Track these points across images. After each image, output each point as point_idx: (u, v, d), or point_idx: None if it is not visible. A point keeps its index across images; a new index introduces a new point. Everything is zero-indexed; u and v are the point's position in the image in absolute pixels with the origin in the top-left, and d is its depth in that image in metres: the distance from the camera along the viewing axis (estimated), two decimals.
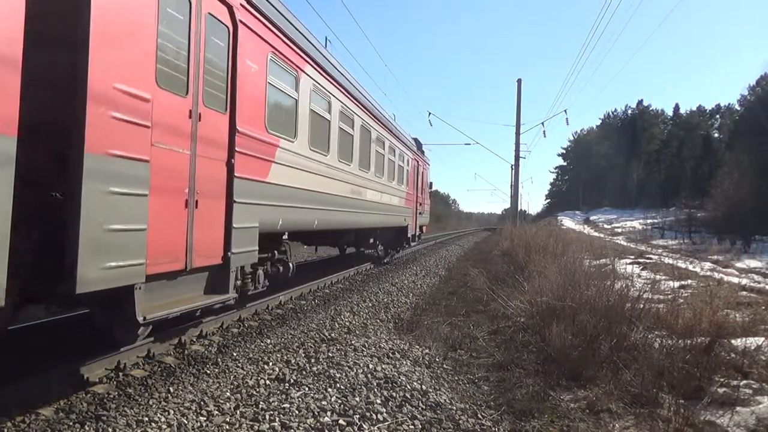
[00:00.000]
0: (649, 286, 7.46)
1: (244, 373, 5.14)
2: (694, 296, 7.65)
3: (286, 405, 4.27)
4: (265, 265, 7.26)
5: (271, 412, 4.12)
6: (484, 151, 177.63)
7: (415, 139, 20.72)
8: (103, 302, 4.24)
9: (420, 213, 20.44)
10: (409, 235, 18.59)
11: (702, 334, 5.66)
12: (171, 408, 4.17)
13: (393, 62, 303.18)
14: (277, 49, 6.80)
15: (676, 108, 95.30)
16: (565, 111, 55.68)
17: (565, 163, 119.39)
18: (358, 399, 4.49)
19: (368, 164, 12.13)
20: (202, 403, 4.30)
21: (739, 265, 19.19)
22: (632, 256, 17.45)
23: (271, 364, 5.44)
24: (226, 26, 5.52)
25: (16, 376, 4.15)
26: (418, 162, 19.83)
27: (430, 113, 36.04)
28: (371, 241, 14.95)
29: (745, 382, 5.01)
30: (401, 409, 4.34)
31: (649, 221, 51.21)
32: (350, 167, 10.58)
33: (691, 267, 15.87)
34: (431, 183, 24.67)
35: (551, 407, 4.67)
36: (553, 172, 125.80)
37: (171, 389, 4.60)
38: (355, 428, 3.94)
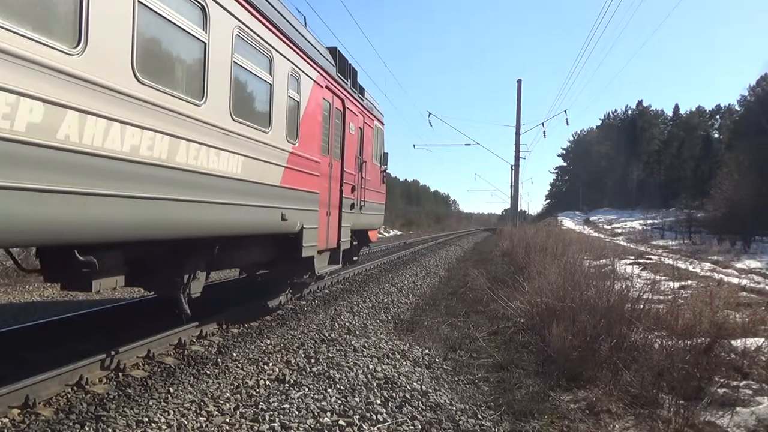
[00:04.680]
0: (649, 286, 7.46)
1: (244, 373, 5.14)
2: (694, 297, 7.65)
3: (286, 405, 4.27)
4: None
5: (271, 413, 4.12)
6: (484, 152, 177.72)
7: (333, 51, 9.37)
8: None
9: (355, 206, 10.39)
10: (308, 251, 7.77)
11: (702, 335, 5.66)
12: (171, 408, 4.17)
13: (393, 62, 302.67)
14: None
15: (676, 108, 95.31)
16: (565, 111, 56.15)
17: (565, 164, 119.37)
18: (357, 399, 4.49)
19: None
20: (202, 403, 4.30)
21: (739, 265, 19.18)
22: (632, 257, 17.48)
23: (271, 364, 5.44)
24: None
25: (16, 376, 4.14)
26: (343, 102, 9.48)
27: (430, 113, 35.96)
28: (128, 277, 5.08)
29: (745, 382, 5.01)
30: (401, 410, 4.34)
31: (649, 222, 51.20)
32: None
33: (691, 267, 15.88)
34: (386, 155, 13.55)
35: (551, 408, 4.66)
36: (553, 173, 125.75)
37: (171, 390, 4.60)
38: (355, 428, 3.94)
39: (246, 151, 5.85)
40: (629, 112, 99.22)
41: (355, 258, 12.03)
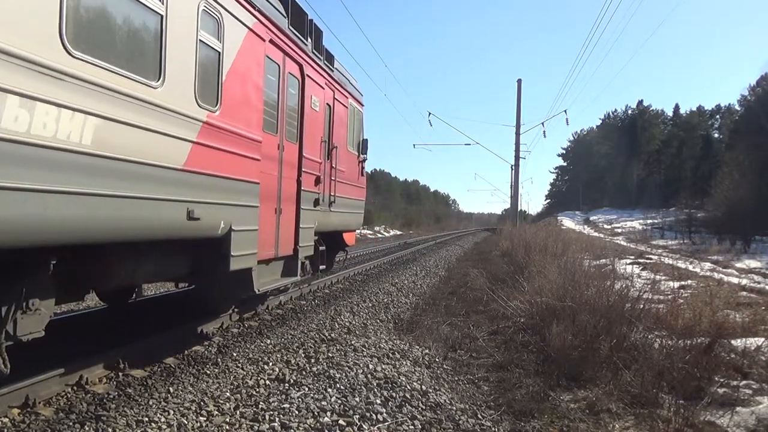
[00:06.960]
0: (649, 286, 7.47)
1: (244, 373, 5.14)
2: (694, 296, 7.66)
3: (286, 405, 4.27)
4: None
5: (271, 413, 4.12)
6: (484, 152, 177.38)
7: None
8: None
9: (321, 202, 8.45)
10: (240, 262, 5.67)
11: (702, 335, 5.67)
12: (171, 408, 4.17)
13: (393, 62, 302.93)
14: None
15: (676, 108, 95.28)
16: (565, 111, 55.82)
17: (564, 164, 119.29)
18: (357, 399, 4.49)
19: None
20: (202, 403, 4.30)
21: (738, 265, 19.19)
22: (632, 257, 17.46)
23: (271, 364, 5.44)
24: None
25: (15, 377, 4.14)
26: (300, 68, 7.41)
27: (430, 113, 35.98)
28: None
29: (745, 382, 5.01)
30: (401, 410, 4.34)
31: (649, 221, 51.19)
32: None
33: (691, 267, 15.88)
34: (366, 141, 11.28)
35: (551, 407, 4.67)
36: (553, 173, 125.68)
37: (171, 389, 4.60)
38: (355, 428, 3.94)
39: (104, 109, 3.70)
40: (629, 112, 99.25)
41: (322, 267, 9.47)
